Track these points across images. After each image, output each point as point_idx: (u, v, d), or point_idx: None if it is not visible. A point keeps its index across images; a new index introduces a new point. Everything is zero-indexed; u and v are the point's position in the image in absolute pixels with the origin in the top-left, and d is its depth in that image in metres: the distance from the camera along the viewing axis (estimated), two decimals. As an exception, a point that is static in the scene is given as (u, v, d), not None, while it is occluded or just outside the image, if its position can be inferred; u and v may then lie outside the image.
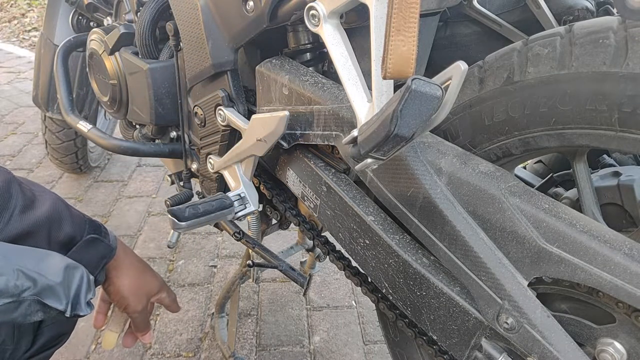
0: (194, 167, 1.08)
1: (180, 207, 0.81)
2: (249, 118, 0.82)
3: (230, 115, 0.87)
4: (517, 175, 0.85)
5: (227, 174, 0.94)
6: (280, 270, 1.02)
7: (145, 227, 1.88)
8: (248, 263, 1.10)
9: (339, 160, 0.79)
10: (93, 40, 1.15)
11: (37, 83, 1.63)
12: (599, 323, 0.62)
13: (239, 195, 0.89)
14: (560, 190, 0.81)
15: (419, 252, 0.68)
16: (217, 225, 1.07)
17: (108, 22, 1.28)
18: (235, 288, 1.33)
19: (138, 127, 1.18)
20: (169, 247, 1.19)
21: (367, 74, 0.60)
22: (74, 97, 1.37)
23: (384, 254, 0.70)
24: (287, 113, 0.73)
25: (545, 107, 0.58)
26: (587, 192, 0.65)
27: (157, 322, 1.47)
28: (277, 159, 0.89)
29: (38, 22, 4.57)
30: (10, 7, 4.94)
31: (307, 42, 0.87)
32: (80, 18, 1.51)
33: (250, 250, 1.07)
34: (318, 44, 0.88)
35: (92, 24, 1.50)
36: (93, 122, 1.83)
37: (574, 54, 0.55)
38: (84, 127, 1.18)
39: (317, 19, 0.64)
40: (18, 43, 4.20)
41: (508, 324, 0.59)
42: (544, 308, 0.58)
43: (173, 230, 1.16)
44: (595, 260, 0.52)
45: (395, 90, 0.52)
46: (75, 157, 2.00)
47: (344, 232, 0.76)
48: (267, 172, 0.95)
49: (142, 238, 1.82)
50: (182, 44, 0.94)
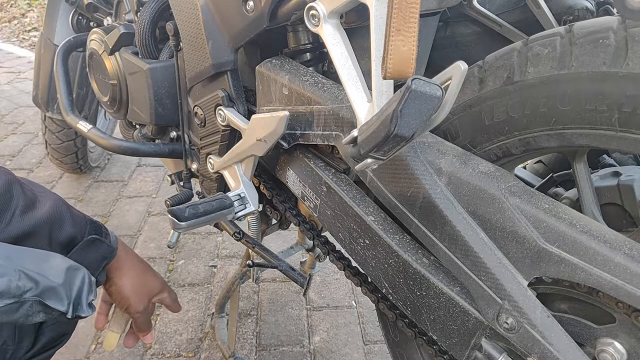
0: (194, 167, 1.08)
1: (180, 207, 0.81)
2: (249, 118, 0.82)
3: (230, 115, 0.87)
4: (517, 175, 0.85)
5: (227, 174, 0.94)
6: (280, 270, 1.02)
7: (145, 227, 1.88)
8: (248, 263, 1.10)
9: (339, 160, 0.79)
10: (93, 40, 1.15)
11: (37, 83, 1.63)
12: (599, 323, 0.62)
13: (239, 195, 0.89)
14: (560, 190, 0.81)
15: (419, 252, 0.68)
16: (217, 225, 1.07)
17: (108, 22, 1.28)
18: (235, 288, 1.33)
19: (138, 127, 1.18)
20: (169, 247, 1.19)
21: (367, 74, 0.60)
22: (74, 97, 1.37)
23: (384, 254, 0.70)
24: (287, 113, 0.73)
25: (545, 107, 0.58)
26: (587, 192, 0.65)
27: (157, 322, 1.47)
28: (277, 159, 0.89)
29: (38, 22, 4.57)
30: (10, 7, 4.93)
31: (307, 42, 0.87)
32: (80, 18, 1.51)
33: (250, 250, 1.07)
34: (318, 44, 0.88)
35: (92, 24, 1.50)
36: (93, 122, 1.84)
37: (574, 54, 0.55)
38: (84, 127, 1.18)
39: (317, 19, 0.64)
40: (18, 43, 4.20)
41: (508, 324, 0.59)
42: (544, 308, 0.58)
43: (173, 230, 1.16)
44: (595, 260, 0.52)
45: (395, 90, 0.52)
46: (75, 157, 1.99)
47: (344, 232, 0.76)
48: (267, 172, 0.95)
49: (142, 238, 1.82)
50: (182, 44, 0.94)
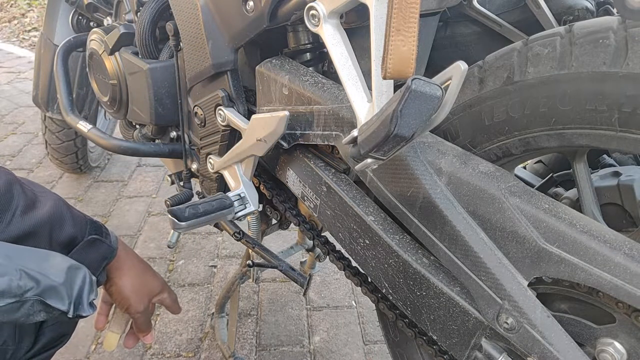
0: (194, 167, 1.08)
1: (180, 207, 0.81)
2: (249, 118, 0.82)
3: (230, 115, 0.87)
4: (517, 175, 0.85)
5: (227, 174, 0.94)
6: (280, 270, 1.02)
7: (145, 227, 1.88)
8: (248, 263, 1.10)
9: (339, 160, 0.79)
10: (93, 40, 1.15)
11: (37, 83, 1.63)
12: (599, 323, 0.62)
13: (239, 195, 0.89)
14: (560, 190, 0.81)
15: (419, 252, 0.68)
16: (217, 225, 1.07)
17: (108, 22, 1.28)
18: (235, 288, 1.33)
19: (138, 127, 1.18)
20: (169, 247, 1.19)
21: (367, 74, 0.60)
22: (74, 97, 1.37)
23: (384, 254, 0.70)
24: (287, 113, 0.73)
25: (545, 107, 0.58)
26: (587, 192, 0.65)
27: (157, 322, 1.47)
28: (277, 159, 0.89)
29: (38, 22, 4.57)
30: (10, 7, 4.93)
31: (307, 42, 0.87)
32: (80, 18, 1.51)
33: (250, 250, 1.07)
34: (318, 44, 0.88)
35: (92, 24, 1.50)
36: (93, 122, 1.83)
37: (574, 54, 0.55)
38: (84, 127, 1.18)
39: (317, 19, 0.64)
40: (18, 43, 4.20)
41: (508, 324, 0.59)
42: (544, 308, 0.58)
43: (173, 230, 1.16)
44: (595, 260, 0.52)
45: (395, 90, 0.52)
46: (76, 157, 1.99)
47: (344, 232, 0.76)
48: (267, 172, 0.95)
49: (142, 238, 1.82)
50: (182, 44, 0.94)
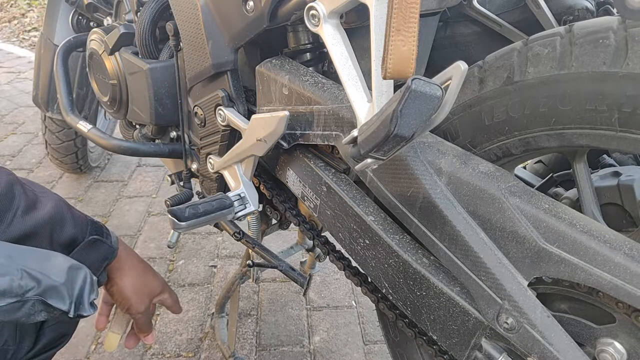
0: (194, 167, 1.08)
1: (180, 207, 0.81)
2: (249, 118, 0.82)
3: (230, 115, 0.87)
4: (517, 175, 0.85)
5: (227, 174, 0.94)
6: (280, 270, 1.02)
7: (145, 227, 1.88)
8: (248, 263, 1.10)
9: (339, 160, 0.79)
10: (93, 40, 1.15)
11: (37, 83, 1.63)
12: (599, 323, 0.62)
13: (239, 195, 0.89)
14: (560, 190, 0.81)
15: (419, 252, 0.68)
16: (217, 225, 1.07)
17: (108, 22, 1.28)
18: (235, 288, 1.33)
19: (138, 127, 1.18)
20: (169, 247, 1.19)
21: (367, 74, 0.60)
22: (74, 97, 1.37)
23: (384, 254, 0.70)
24: (287, 113, 0.73)
25: (545, 107, 0.58)
26: (587, 192, 0.65)
27: (157, 322, 1.47)
28: (277, 159, 0.89)
29: (38, 22, 4.57)
30: (10, 7, 4.93)
31: (307, 42, 0.87)
32: (80, 18, 1.51)
33: (250, 250, 1.07)
34: (318, 44, 0.88)
35: (92, 24, 1.50)
36: (93, 122, 1.83)
37: (574, 54, 0.55)
38: (84, 127, 1.18)
39: (317, 19, 0.64)
40: (18, 43, 4.20)
41: (508, 324, 0.59)
42: (544, 308, 0.58)
43: (173, 230, 1.16)
44: (595, 260, 0.52)
45: (395, 90, 0.52)
46: (76, 157, 1.99)
47: (344, 232, 0.76)
48: (267, 172, 0.95)
49: (142, 238, 1.82)
50: (182, 44, 0.94)
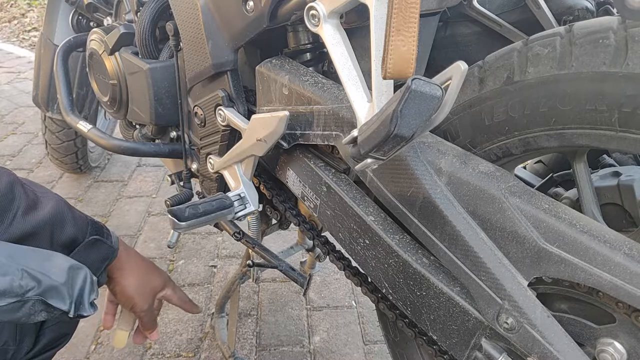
0: (194, 167, 1.08)
1: (180, 207, 0.81)
2: (249, 118, 0.82)
3: (230, 115, 0.87)
4: (517, 175, 0.85)
5: (227, 174, 0.94)
6: (280, 270, 1.02)
7: (145, 227, 1.88)
8: (248, 263, 1.10)
9: (339, 160, 0.79)
10: (93, 40, 1.15)
11: (37, 83, 1.63)
12: (599, 323, 0.62)
13: (239, 195, 0.89)
14: (560, 190, 0.81)
15: (419, 252, 0.68)
16: (217, 225, 1.07)
17: (108, 22, 1.28)
18: (235, 288, 1.33)
19: (138, 127, 1.18)
20: (169, 247, 1.19)
21: (367, 74, 0.60)
22: (74, 97, 1.37)
23: (384, 254, 0.70)
24: (287, 113, 0.73)
25: (545, 107, 0.58)
26: (587, 192, 0.65)
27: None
28: (277, 159, 0.89)
29: (38, 22, 4.57)
30: (10, 7, 4.93)
31: (307, 42, 0.87)
32: (80, 18, 1.51)
33: (250, 250, 1.06)
34: (318, 44, 0.87)
35: (92, 24, 1.50)
36: (93, 122, 1.83)
37: (574, 54, 0.55)
38: (84, 127, 1.18)
39: (317, 19, 0.64)
40: (18, 43, 4.20)
41: (508, 324, 0.59)
42: (544, 308, 0.58)
43: (173, 230, 1.16)
44: (595, 260, 0.52)
45: (395, 90, 0.52)
46: (76, 157, 1.99)
47: (344, 232, 0.76)
48: (267, 172, 0.95)
49: (142, 238, 1.82)
50: (182, 44, 0.94)
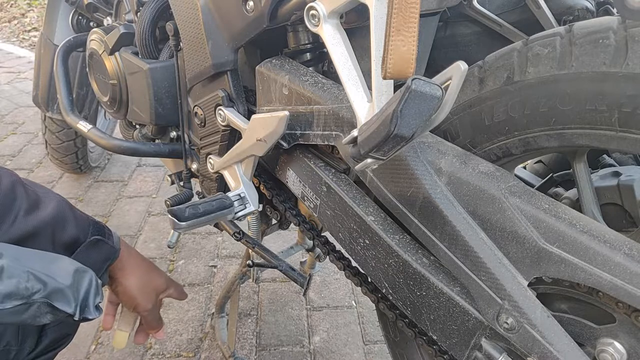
0: (194, 167, 1.08)
1: (180, 207, 0.81)
2: (249, 118, 0.82)
3: (230, 115, 0.87)
4: (517, 175, 0.85)
5: (227, 174, 0.94)
6: (280, 270, 1.02)
7: (146, 227, 1.88)
8: (248, 263, 1.10)
9: (339, 160, 0.79)
10: (93, 40, 1.15)
11: (37, 83, 1.63)
12: (599, 323, 0.62)
13: (239, 195, 0.89)
14: (560, 190, 0.81)
15: (419, 252, 0.68)
16: (217, 225, 1.07)
17: (108, 22, 1.28)
18: (235, 288, 1.33)
19: (138, 127, 1.18)
20: (169, 247, 1.19)
21: (367, 74, 0.60)
22: (74, 97, 1.37)
23: (384, 254, 0.70)
24: (287, 113, 0.73)
25: (545, 107, 0.58)
26: (587, 192, 0.65)
27: (157, 322, 1.46)
28: (277, 159, 0.89)
29: (38, 22, 4.57)
30: (10, 7, 4.93)
31: (307, 42, 0.87)
32: (80, 18, 1.51)
33: (250, 250, 1.06)
34: (318, 44, 0.87)
35: (92, 24, 1.50)
36: (93, 122, 1.83)
37: (574, 54, 0.55)
38: (84, 127, 1.18)
39: (317, 19, 0.64)
40: (18, 43, 4.20)
41: (508, 324, 0.59)
42: (544, 308, 0.58)
43: (173, 230, 1.16)
44: (595, 260, 0.52)
45: (395, 90, 0.52)
46: (76, 157, 1.99)
47: (344, 232, 0.76)
48: (267, 172, 0.95)
49: (142, 238, 1.82)
50: (182, 44, 0.94)
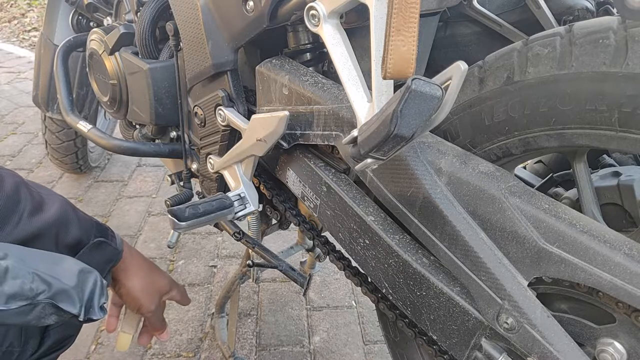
0: (194, 167, 1.08)
1: (180, 207, 0.81)
2: (249, 118, 0.82)
3: (230, 115, 0.87)
4: (517, 175, 0.85)
5: (227, 174, 0.94)
6: (280, 270, 1.02)
7: (146, 227, 1.88)
8: (248, 263, 1.10)
9: (339, 160, 0.79)
10: (93, 40, 1.15)
11: (37, 83, 1.63)
12: (599, 323, 0.62)
13: (239, 195, 0.89)
14: (560, 190, 0.81)
15: (419, 252, 0.68)
16: (217, 225, 1.07)
17: (108, 22, 1.28)
18: (235, 288, 1.33)
19: (138, 127, 1.18)
20: (169, 247, 1.19)
21: (367, 74, 0.60)
22: (74, 97, 1.37)
23: (384, 254, 0.70)
24: (287, 113, 0.73)
25: (545, 107, 0.58)
26: (587, 192, 0.65)
27: (157, 322, 1.46)
28: (277, 159, 0.89)
29: (38, 22, 4.57)
30: (10, 7, 4.93)
31: (307, 42, 0.87)
32: (80, 18, 1.51)
33: (250, 250, 1.07)
34: (318, 44, 0.87)
35: (92, 24, 1.50)
36: (93, 122, 1.83)
37: (574, 54, 0.55)
38: (84, 127, 1.18)
39: (317, 19, 0.64)
40: (18, 43, 4.20)
41: (508, 324, 0.59)
42: (544, 308, 0.58)
43: (173, 230, 1.16)
44: (595, 260, 0.52)
45: (395, 90, 0.52)
46: (76, 157, 1.99)
47: (344, 232, 0.76)
48: (267, 172, 0.95)
49: (142, 238, 1.82)
50: (182, 44, 0.94)
